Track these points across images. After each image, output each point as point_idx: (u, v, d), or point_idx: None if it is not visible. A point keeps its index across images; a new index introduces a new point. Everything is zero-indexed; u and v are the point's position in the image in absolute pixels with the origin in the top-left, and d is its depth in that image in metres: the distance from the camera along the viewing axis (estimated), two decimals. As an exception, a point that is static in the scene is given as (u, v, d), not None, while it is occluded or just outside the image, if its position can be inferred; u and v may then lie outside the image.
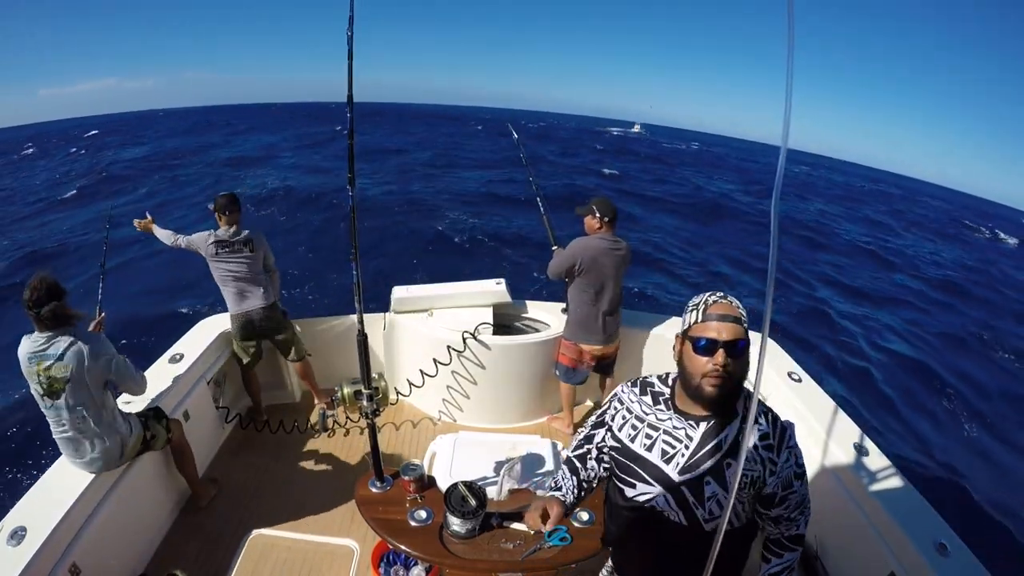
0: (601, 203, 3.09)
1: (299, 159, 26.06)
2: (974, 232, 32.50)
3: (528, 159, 4.10)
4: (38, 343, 2.07)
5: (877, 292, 12.70)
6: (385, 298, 3.58)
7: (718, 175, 34.99)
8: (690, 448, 1.25)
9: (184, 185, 19.45)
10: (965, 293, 14.28)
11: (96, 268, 3.38)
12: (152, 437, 2.47)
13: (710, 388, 1.19)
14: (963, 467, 5.96)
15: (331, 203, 15.02)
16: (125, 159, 27.17)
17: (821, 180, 50.59)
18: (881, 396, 7.23)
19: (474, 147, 35.24)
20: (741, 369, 1.20)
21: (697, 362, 1.20)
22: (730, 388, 1.20)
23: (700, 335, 1.19)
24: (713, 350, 1.17)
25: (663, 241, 14.25)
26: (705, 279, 11.45)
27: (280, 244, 11.01)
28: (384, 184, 18.81)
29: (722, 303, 1.21)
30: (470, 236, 12.55)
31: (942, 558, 1.98)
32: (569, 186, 19.99)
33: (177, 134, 42.38)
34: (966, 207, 64.63)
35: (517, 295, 3.68)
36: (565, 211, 3.42)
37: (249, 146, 32.10)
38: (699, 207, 20.43)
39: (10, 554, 1.84)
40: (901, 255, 18.52)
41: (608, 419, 1.44)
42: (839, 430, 2.67)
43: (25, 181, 22.69)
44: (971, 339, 10.43)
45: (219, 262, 3.17)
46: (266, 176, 20.17)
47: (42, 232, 13.50)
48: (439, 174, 22.29)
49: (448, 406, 3.56)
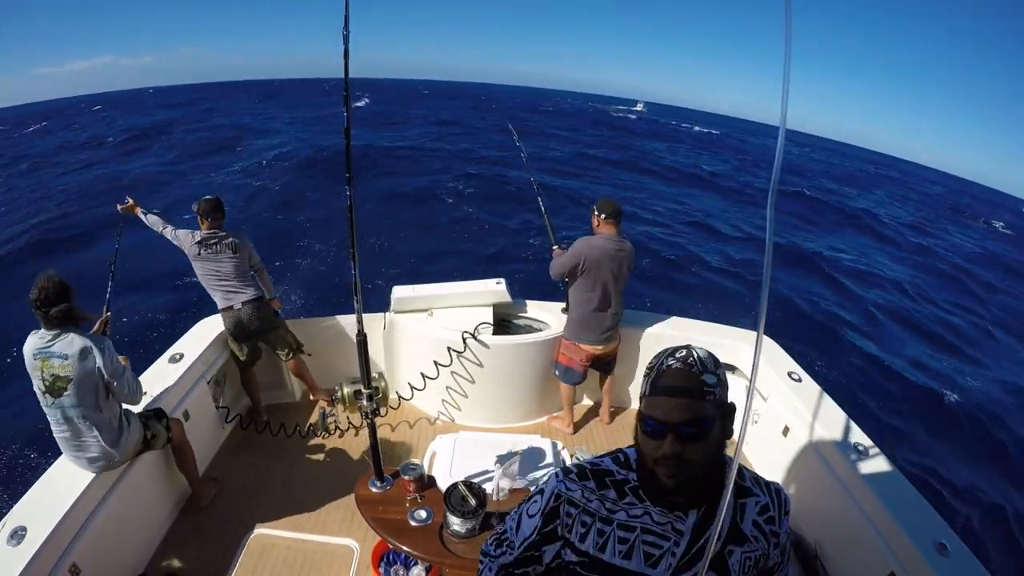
0: (604, 203, 3.10)
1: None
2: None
3: (529, 157, 4.10)
4: (44, 339, 2.09)
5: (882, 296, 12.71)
6: (385, 297, 3.58)
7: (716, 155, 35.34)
8: (681, 544, 0.99)
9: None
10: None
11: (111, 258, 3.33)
12: (152, 437, 2.48)
13: (665, 479, 0.94)
14: (963, 467, 5.97)
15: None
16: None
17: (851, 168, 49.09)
18: (881, 396, 7.23)
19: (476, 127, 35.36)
20: (704, 454, 0.93)
21: (646, 445, 0.96)
22: (691, 476, 0.94)
23: (647, 413, 0.94)
24: (661, 434, 0.91)
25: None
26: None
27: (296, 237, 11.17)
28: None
29: (677, 370, 0.93)
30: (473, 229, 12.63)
31: (942, 558, 1.98)
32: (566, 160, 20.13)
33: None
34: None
35: (517, 295, 3.68)
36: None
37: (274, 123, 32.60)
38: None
39: (10, 554, 1.84)
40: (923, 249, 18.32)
41: (562, 530, 1.06)
42: (839, 430, 2.67)
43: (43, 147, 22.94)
44: (980, 335, 10.42)
45: (202, 262, 3.20)
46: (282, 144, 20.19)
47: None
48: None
49: (448, 406, 3.56)
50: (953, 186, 75.61)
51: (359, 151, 16.48)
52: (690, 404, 0.91)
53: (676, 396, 0.91)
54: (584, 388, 3.73)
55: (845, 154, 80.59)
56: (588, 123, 48.12)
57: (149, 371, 2.89)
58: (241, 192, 14.94)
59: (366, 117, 36.02)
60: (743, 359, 3.37)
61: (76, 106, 65.72)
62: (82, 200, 14.29)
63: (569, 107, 79.25)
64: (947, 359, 9.03)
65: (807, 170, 36.58)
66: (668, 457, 0.91)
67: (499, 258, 10.86)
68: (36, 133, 33.43)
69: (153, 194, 14.15)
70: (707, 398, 0.92)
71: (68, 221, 12.27)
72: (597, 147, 29.59)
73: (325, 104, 45.80)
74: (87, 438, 2.18)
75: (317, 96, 60.09)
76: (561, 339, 3.33)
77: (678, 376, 0.93)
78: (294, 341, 3.47)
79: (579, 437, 3.48)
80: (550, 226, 3.56)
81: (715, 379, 0.94)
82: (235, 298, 3.24)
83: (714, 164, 29.65)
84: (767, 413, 3.10)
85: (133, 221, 3.34)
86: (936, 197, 43.33)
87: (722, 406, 0.96)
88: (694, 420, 0.90)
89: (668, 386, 0.92)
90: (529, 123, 39.27)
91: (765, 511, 1.04)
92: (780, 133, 0.64)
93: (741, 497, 1.04)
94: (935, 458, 6.04)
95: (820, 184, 28.98)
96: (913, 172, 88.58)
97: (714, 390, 0.93)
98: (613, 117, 63.96)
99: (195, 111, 41.95)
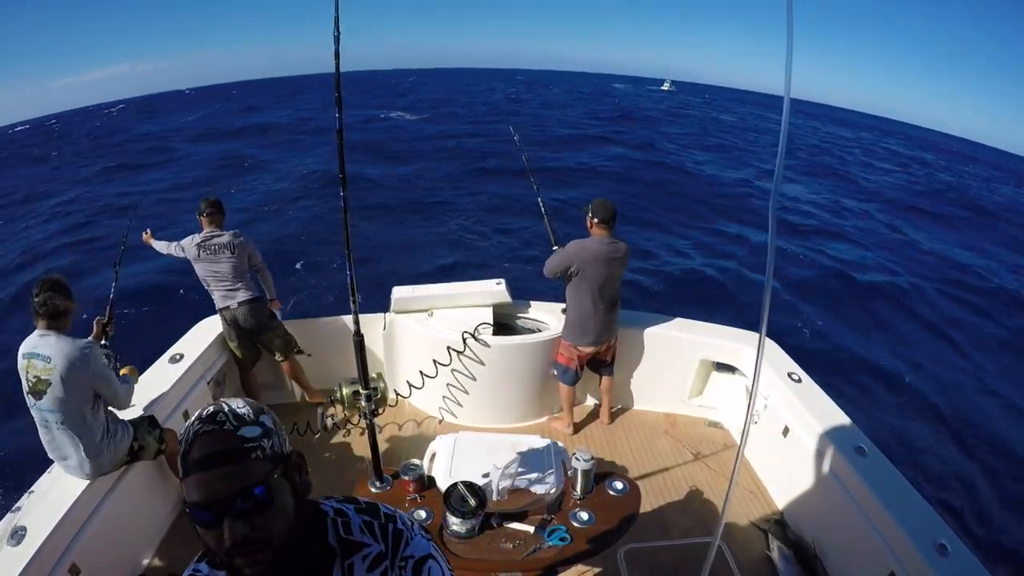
0: (598, 204, 3.10)
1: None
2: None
3: (531, 160, 4.09)
4: (34, 340, 2.09)
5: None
6: (386, 297, 3.59)
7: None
8: None
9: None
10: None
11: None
12: (140, 448, 2.40)
13: (251, 572, 0.72)
14: (963, 467, 5.97)
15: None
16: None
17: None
18: (881, 395, 7.23)
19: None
20: (282, 524, 0.74)
21: (209, 541, 0.72)
22: (281, 555, 0.74)
23: (189, 502, 0.72)
24: (215, 521, 0.70)
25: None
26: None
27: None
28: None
29: (207, 434, 0.72)
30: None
31: (942, 558, 1.98)
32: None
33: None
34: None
35: (517, 295, 3.68)
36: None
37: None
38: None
39: (10, 554, 1.85)
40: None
41: None
42: (839, 430, 2.68)
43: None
44: (989, 339, 10.36)
45: (202, 263, 3.24)
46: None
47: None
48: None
49: (448, 406, 3.56)
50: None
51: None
52: (232, 471, 0.71)
53: (213, 467, 0.70)
54: (584, 389, 3.73)
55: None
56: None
57: (149, 372, 2.89)
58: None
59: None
60: (743, 359, 3.37)
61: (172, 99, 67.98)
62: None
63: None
64: (949, 355, 9.02)
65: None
66: (238, 546, 0.70)
67: (499, 258, 10.86)
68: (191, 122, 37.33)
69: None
70: (253, 456, 0.72)
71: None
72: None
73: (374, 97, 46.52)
74: (67, 445, 2.13)
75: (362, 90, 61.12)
76: (560, 339, 3.34)
77: (208, 442, 0.72)
78: (288, 343, 3.47)
79: (579, 438, 3.48)
80: (550, 226, 3.57)
81: (259, 430, 0.75)
82: (232, 298, 3.26)
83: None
84: (767, 413, 3.10)
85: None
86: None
87: (279, 458, 0.77)
88: (243, 491, 0.70)
89: (200, 457, 0.71)
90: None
91: (379, 562, 0.84)
92: (781, 132, 0.64)
93: (346, 556, 0.83)
94: (935, 458, 6.05)
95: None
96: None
97: (259, 442, 0.74)
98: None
99: (233, 107, 44.36)
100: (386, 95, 53.06)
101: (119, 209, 13.62)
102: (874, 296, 10.35)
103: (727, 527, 2.79)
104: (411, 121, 32.19)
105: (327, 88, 2.09)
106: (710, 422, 3.63)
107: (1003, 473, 5.96)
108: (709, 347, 3.45)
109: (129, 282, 8.62)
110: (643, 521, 2.34)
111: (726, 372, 3.57)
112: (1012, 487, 5.71)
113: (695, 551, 2.65)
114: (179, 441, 0.77)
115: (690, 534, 2.76)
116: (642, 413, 3.71)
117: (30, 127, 56.31)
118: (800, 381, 3.05)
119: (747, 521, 2.82)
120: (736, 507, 2.93)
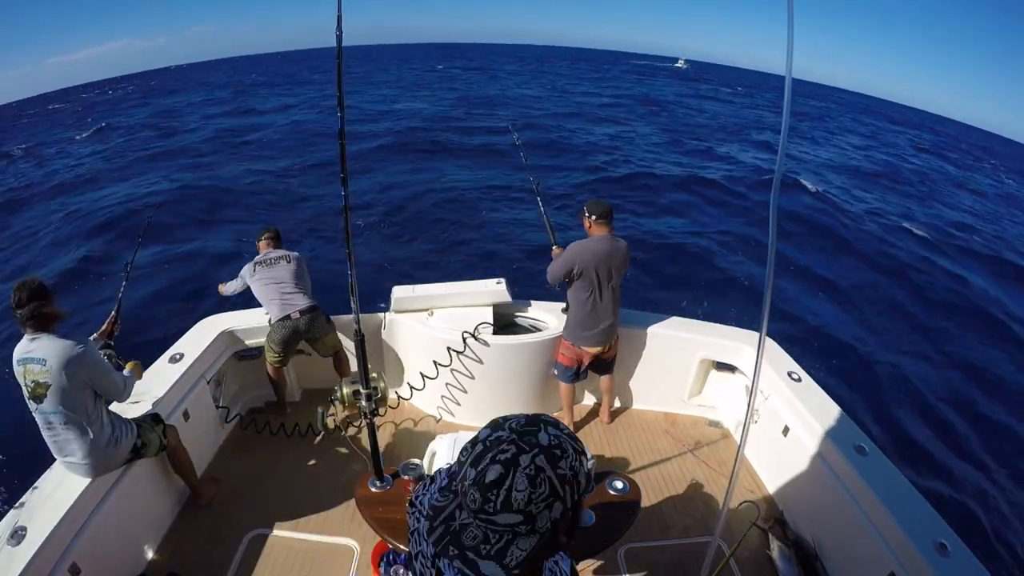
0: (594, 204, 3.11)
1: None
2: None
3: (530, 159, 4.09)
4: (26, 345, 2.07)
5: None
6: (386, 297, 3.58)
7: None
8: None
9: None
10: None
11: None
12: (143, 445, 2.42)
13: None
14: (963, 467, 5.96)
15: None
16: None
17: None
18: (881, 395, 7.23)
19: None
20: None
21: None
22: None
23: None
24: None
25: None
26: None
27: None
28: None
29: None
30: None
31: (942, 558, 1.98)
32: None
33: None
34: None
35: (517, 295, 3.68)
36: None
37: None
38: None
39: (10, 554, 1.85)
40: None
41: None
42: (839, 430, 2.68)
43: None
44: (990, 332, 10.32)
45: (257, 277, 3.31)
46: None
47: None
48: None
49: (448, 405, 3.56)
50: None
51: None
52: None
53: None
54: (584, 388, 3.72)
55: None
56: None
57: (149, 371, 2.89)
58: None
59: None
60: (743, 359, 3.37)
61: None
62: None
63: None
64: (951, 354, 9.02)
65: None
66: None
67: (499, 258, 10.85)
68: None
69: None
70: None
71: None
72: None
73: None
74: (72, 444, 2.14)
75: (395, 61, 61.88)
76: (561, 339, 3.34)
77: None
78: (338, 342, 3.53)
79: (579, 437, 3.48)
80: (549, 226, 3.56)
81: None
82: (291, 306, 3.23)
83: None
84: (767, 413, 3.10)
85: (156, 230, 3.44)
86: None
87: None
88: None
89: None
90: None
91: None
92: (783, 132, 0.64)
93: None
94: (935, 458, 6.04)
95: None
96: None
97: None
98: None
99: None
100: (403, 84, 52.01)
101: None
102: (874, 296, 10.35)
103: (727, 526, 2.79)
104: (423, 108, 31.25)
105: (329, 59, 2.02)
106: (710, 421, 3.63)
107: (1003, 473, 5.96)
108: (709, 346, 3.45)
109: (136, 283, 8.65)
110: (643, 520, 2.34)
111: (726, 371, 3.57)
112: (1012, 487, 5.71)
113: (695, 550, 2.65)
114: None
115: (690, 533, 2.76)
116: (642, 412, 3.71)
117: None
118: (800, 380, 3.05)
119: (747, 520, 2.83)
120: (736, 506, 2.93)
